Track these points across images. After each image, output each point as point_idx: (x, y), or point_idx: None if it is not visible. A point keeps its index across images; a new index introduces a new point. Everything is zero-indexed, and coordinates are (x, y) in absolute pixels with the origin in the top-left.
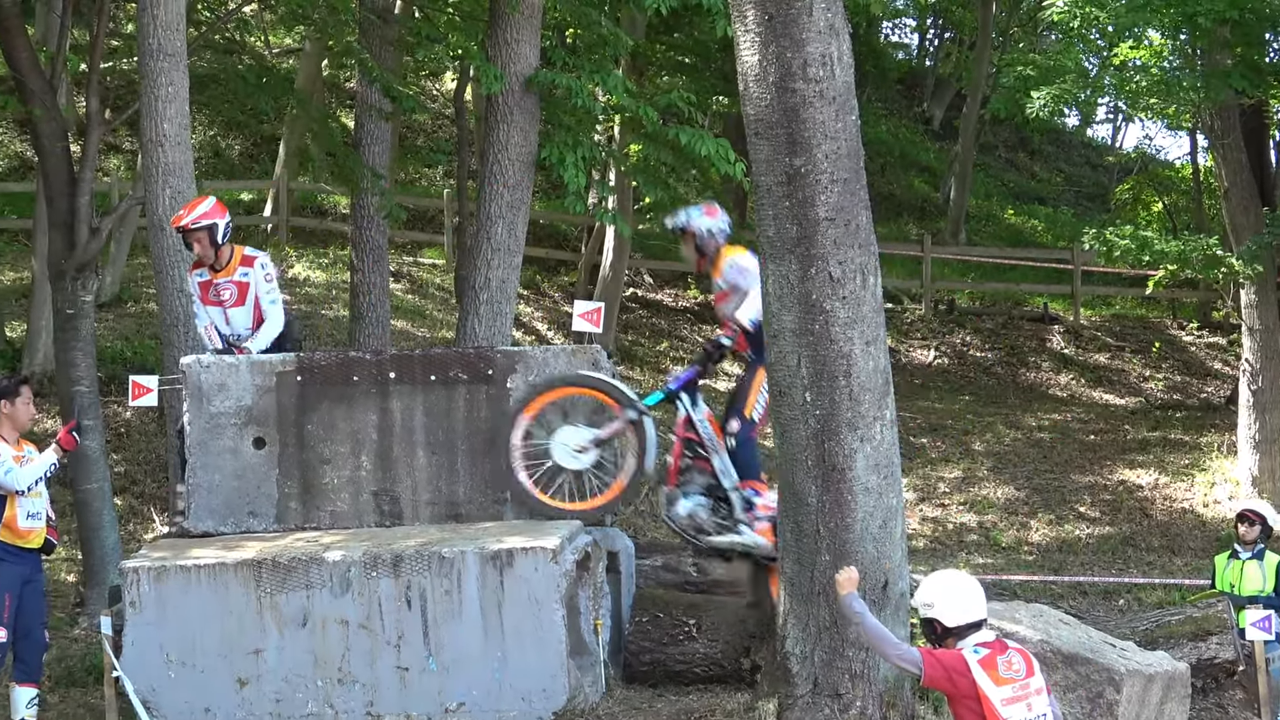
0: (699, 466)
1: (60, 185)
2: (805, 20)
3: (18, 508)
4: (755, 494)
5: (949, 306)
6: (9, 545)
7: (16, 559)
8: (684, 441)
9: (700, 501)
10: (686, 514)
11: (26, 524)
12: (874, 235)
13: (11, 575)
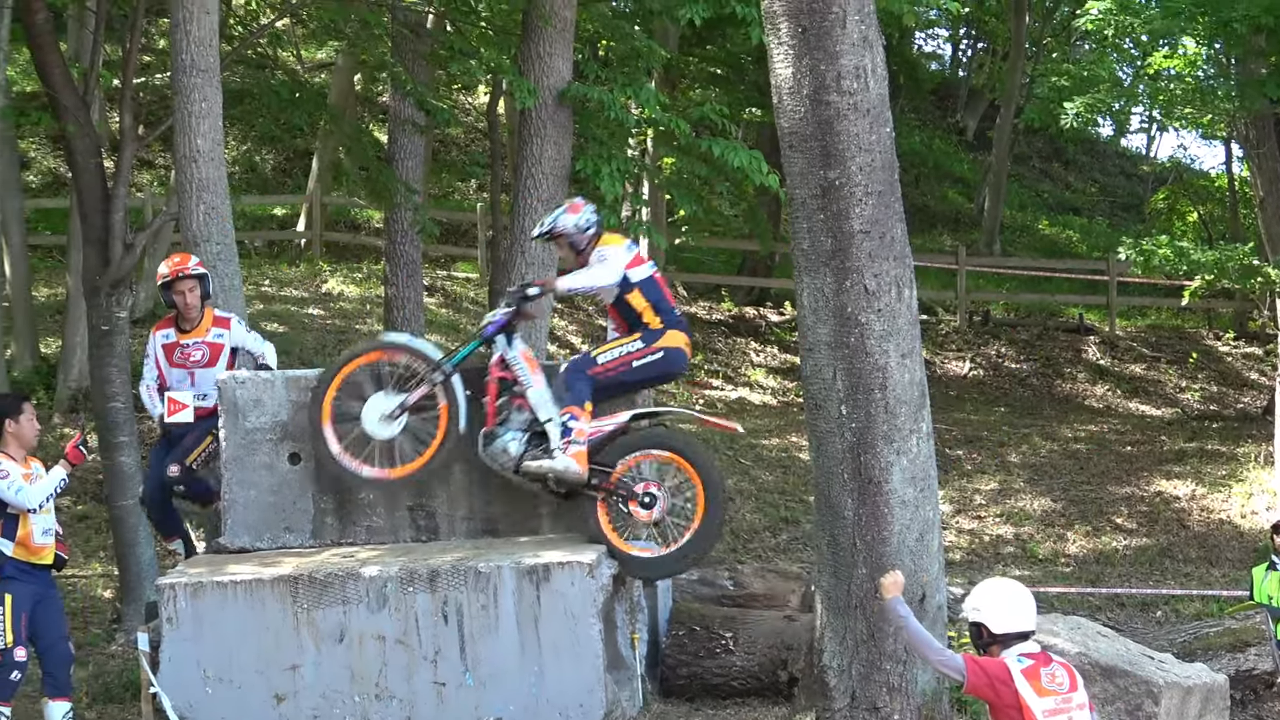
0: (516, 404)
1: (94, 201)
2: (839, 33)
3: (32, 525)
4: (573, 418)
5: (984, 318)
6: (21, 563)
7: (29, 577)
8: (498, 381)
9: (515, 436)
10: (501, 449)
11: (41, 540)
12: (909, 247)
13: (24, 593)
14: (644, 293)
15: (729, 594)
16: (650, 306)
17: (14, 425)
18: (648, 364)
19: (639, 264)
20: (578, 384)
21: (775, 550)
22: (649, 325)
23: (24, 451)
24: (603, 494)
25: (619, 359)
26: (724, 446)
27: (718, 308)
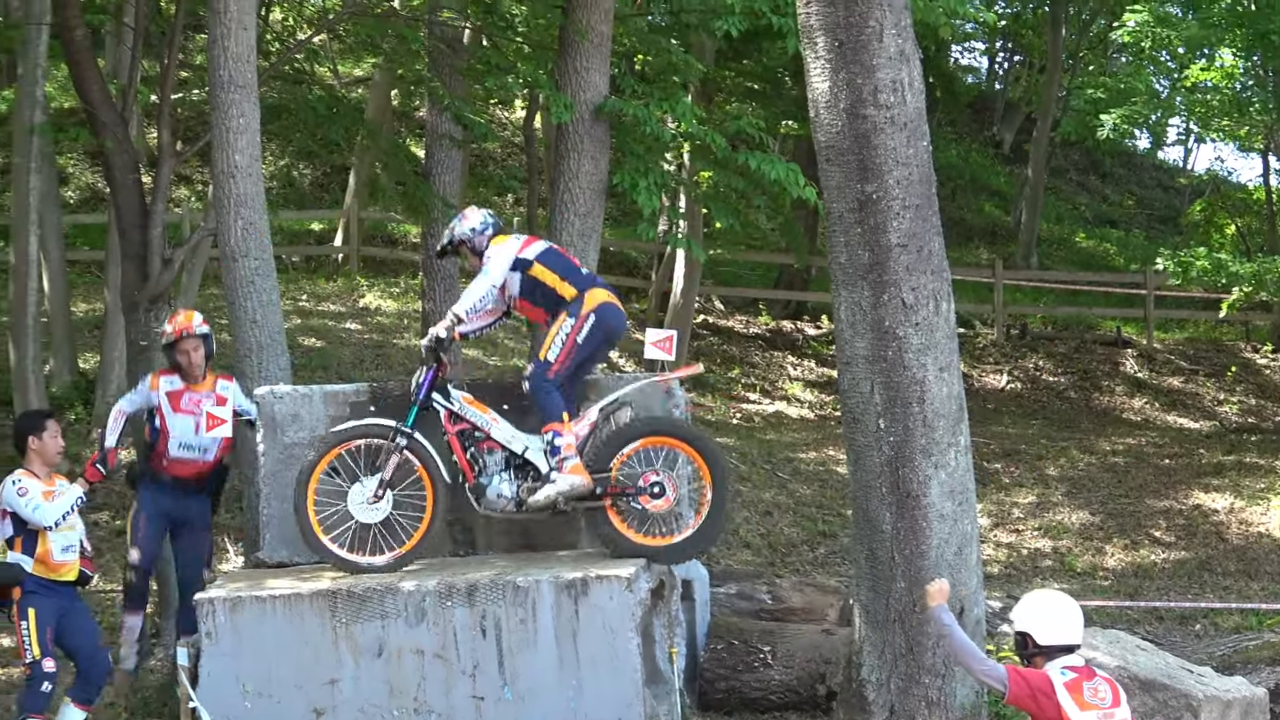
0: (485, 449)
1: (132, 217)
2: (875, 46)
3: (51, 542)
4: (556, 435)
5: (1021, 331)
6: (42, 579)
7: (50, 592)
8: (458, 435)
9: (501, 478)
10: (495, 495)
11: (61, 557)
12: (946, 261)
13: (48, 607)
14: (546, 264)
15: (767, 608)
16: (559, 277)
17: (37, 442)
18: (589, 334)
19: (532, 243)
20: (548, 398)
21: (813, 564)
22: (565, 297)
23: (48, 468)
24: (609, 498)
25: (565, 346)
26: (761, 460)
27: (755, 321)
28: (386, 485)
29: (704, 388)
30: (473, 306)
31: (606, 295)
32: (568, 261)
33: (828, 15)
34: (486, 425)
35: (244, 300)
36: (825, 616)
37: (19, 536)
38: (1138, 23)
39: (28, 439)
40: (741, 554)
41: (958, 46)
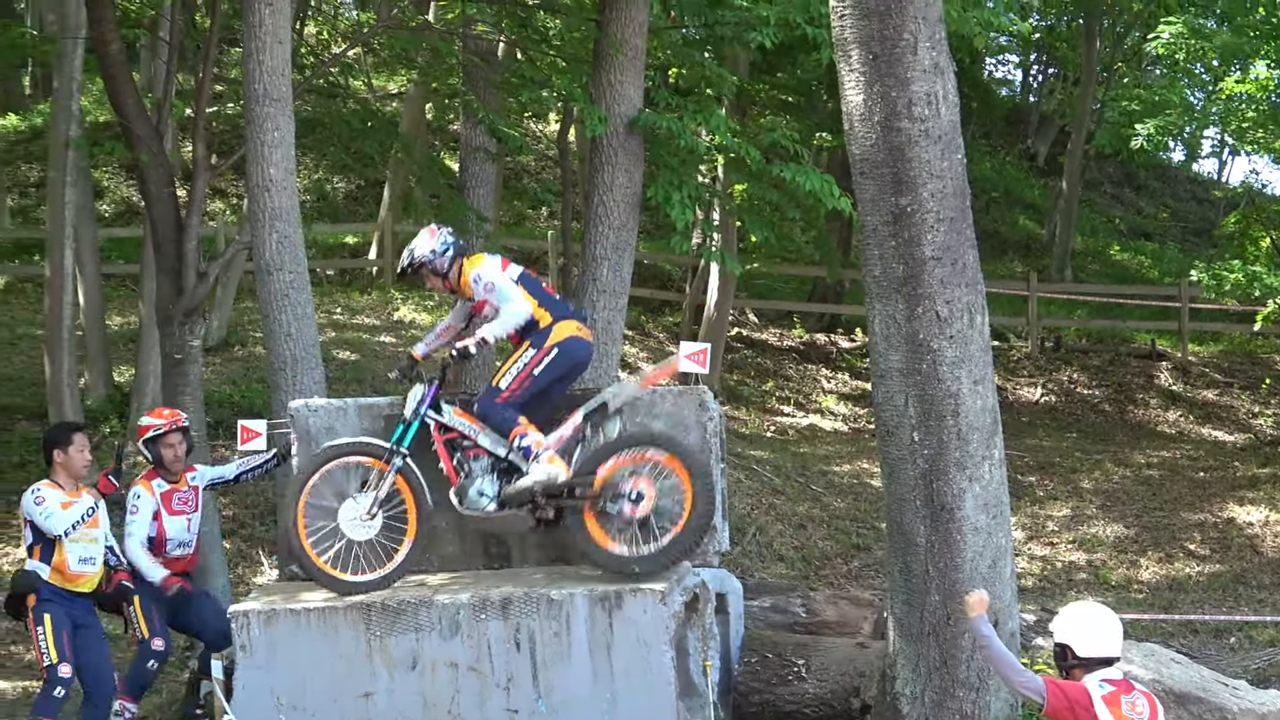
0: (472, 455)
1: (167, 230)
2: (910, 59)
3: (67, 552)
4: (522, 437)
5: (1055, 344)
6: (57, 588)
7: (66, 601)
8: (445, 443)
9: (485, 480)
10: (477, 495)
11: (78, 568)
12: (980, 273)
13: (60, 614)
14: (526, 288)
15: (801, 621)
16: (536, 303)
17: (63, 456)
18: (549, 365)
19: (509, 265)
20: (499, 416)
21: (847, 577)
22: (538, 321)
23: (74, 481)
24: (588, 502)
25: (519, 375)
26: (795, 473)
27: (789, 334)
28: (380, 504)
29: (738, 401)
30: (498, 334)
31: (576, 328)
32: (542, 288)
33: (862, 28)
34: (474, 434)
35: (279, 314)
36: (859, 630)
37: (37, 544)
38: (1172, 34)
39: (54, 452)
40: (775, 567)
41: (992, 59)
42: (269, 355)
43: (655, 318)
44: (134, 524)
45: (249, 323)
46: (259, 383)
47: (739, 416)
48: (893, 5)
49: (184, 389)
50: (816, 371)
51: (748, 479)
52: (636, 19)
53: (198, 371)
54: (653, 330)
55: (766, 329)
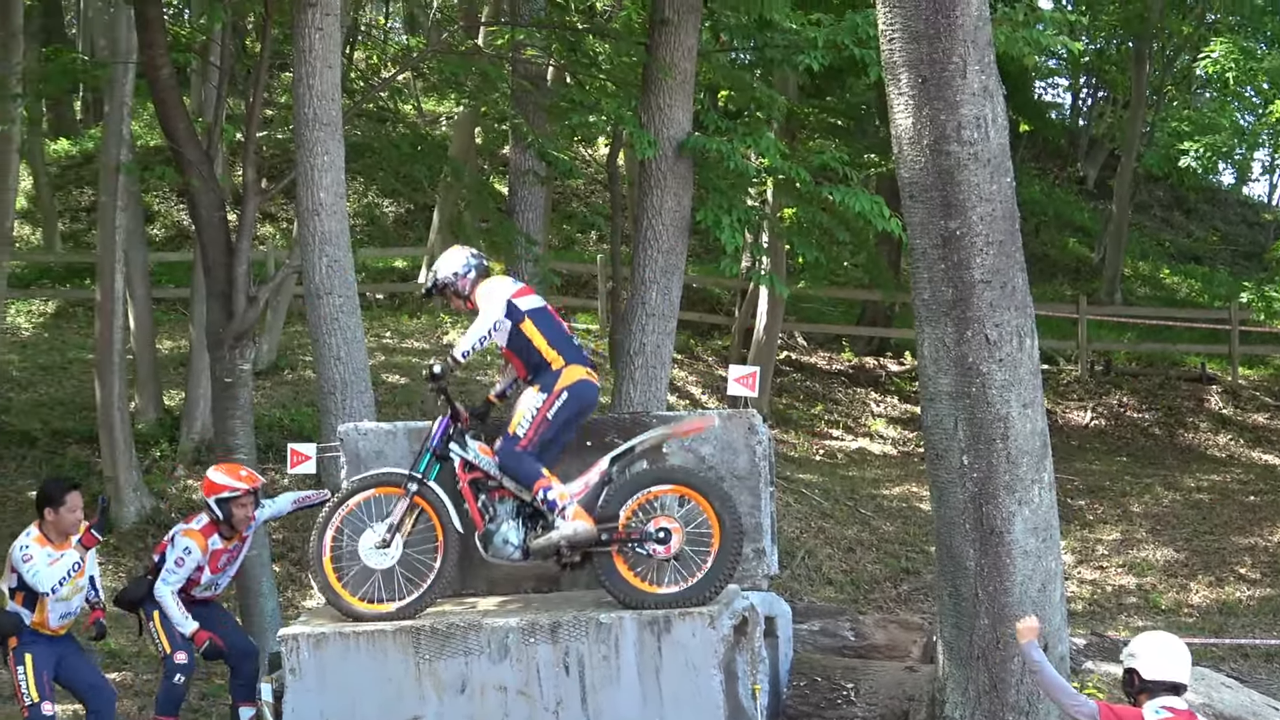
0: (497, 497)
1: (218, 254)
2: (959, 83)
3: (49, 611)
4: (546, 490)
5: (1105, 367)
6: (38, 632)
7: (47, 642)
8: (470, 484)
9: (510, 526)
10: (502, 542)
11: (57, 623)
12: (1030, 297)
13: (43, 655)
14: (537, 323)
15: (850, 644)
16: (546, 341)
17: (53, 515)
18: (560, 409)
19: (527, 295)
20: (521, 466)
21: (896, 600)
22: (549, 363)
23: (62, 536)
24: (615, 545)
25: (534, 421)
26: (844, 497)
27: (838, 358)
28: (395, 530)
29: (787, 424)
30: (472, 347)
31: (585, 372)
32: (559, 327)
33: (911, 52)
34: (499, 474)
35: (328, 337)
36: (908, 653)
37: (20, 591)
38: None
39: (44, 509)
40: (824, 590)
41: (1042, 82)
42: (319, 379)
43: (704, 341)
44: (174, 575)
45: (299, 346)
46: (309, 406)
47: (788, 440)
48: (942, 29)
49: (234, 412)
50: (865, 395)
51: (797, 503)
52: (685, 43)
53: (248, 395)
54: (701, 354)
55: (815, 352)
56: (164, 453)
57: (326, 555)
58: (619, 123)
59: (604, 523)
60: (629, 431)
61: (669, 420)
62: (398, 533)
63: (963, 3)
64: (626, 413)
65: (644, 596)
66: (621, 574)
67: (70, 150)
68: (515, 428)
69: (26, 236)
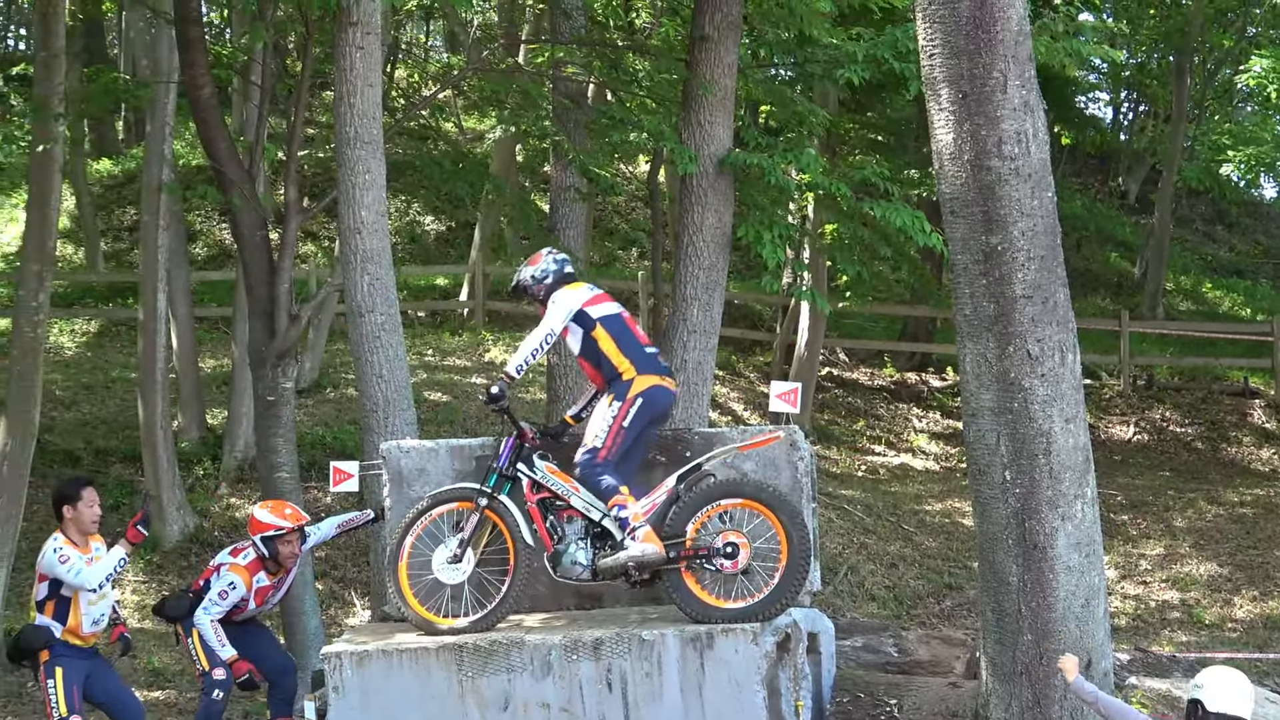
0: (565, 517)
1: (260, 273)
2: (999, 98)
3: (82, 615)
4: (620, 509)
5: (1147, 382)
6: (70, 644)
7: (78, 654)
8: (538, 504)
9: (579, 546)
10: (570, 563)
11: (90, 629)
12: (1072, 312)
13: (75, 669)
14: (608, 329)
15: (893, 660)
16: (619, 350)
17: (72, 511)
18: (635, 416)
19: (601, 302)
20: (601, 477)
21: (939, 616)
22: (620, 372)
23: (84, 535)
24: (683, 562)
25: (611, 430)
26: (886, 513)
27: (879, 373)
28: (466, 545)
29: (829, 440)
30: (524, 361)
31: (658, 379)
32: (632, 335)
33: (951, 67)
34: (567, 494)
35: (370, 355)
36: (951, 669)
37: (51, 600)
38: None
39: (63, 507)
40: (867, 606)
41: (1082, 96)
42: (361, 397)
43: (746, 357)
44: (216, 607)
45: (341, 365)
46: (351, 424)
47: (830, 456)
48: (982, 44)
49: (276, 431)
50: (907, 410)
51: (839, 518)
52: (725, 60)
53: (290, 413)
54: (743, 370)
55: (857, 368)
56: (207, 471)
57: (403, 565)
58: (659, 139)
59: (671, 539)
60: (670, 448)
61: (725, 437)
62: (469, 547)
63: (1003, 18)
64: (668, 429)
65: (712, 611)
66: (690, 589)
67: (113, 170)
68: (593, 440)
69: (69, 256)
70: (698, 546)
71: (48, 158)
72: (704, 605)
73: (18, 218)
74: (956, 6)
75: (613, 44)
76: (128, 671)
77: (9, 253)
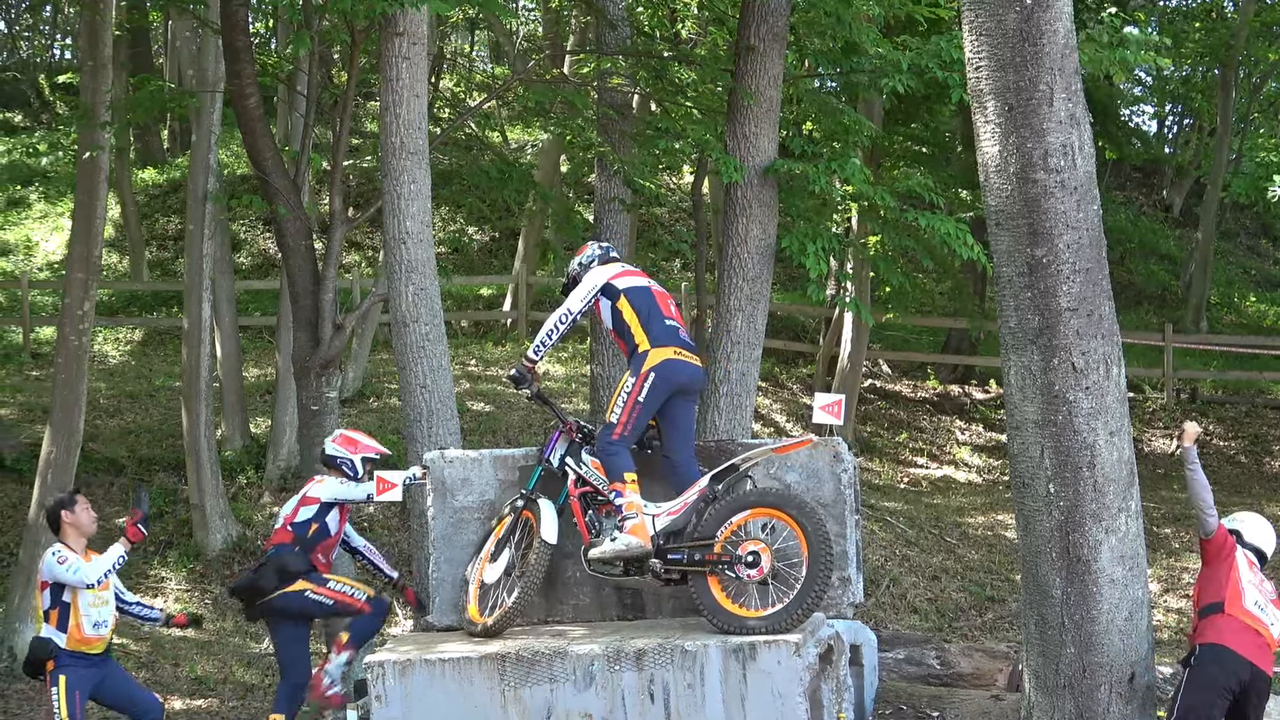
0: (604, 513)
1: (305, 283)
2: (1046, 110)
3: (82, 617)
4: (618, 495)
5: (1191, 395)
6: (74, 652)
7: (84, 663)
8: (580, 499)
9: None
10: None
11: (91, 632)
12: (1117, 325)
13: (79, 677)
14: (632, 300)
15: (935, 673)
16: (639, 322)
17: (70, 516)
18: (650, 390)
19: (631, 275)
20: (611, 458)
21: (982, 629)
22: (637, 345)
23: (83, 542)
24: (708, 566)
25: (626, 406)
26: (929, 525)
27: (923, 385)
28: (501, 544)
29: (872, 452)
30: (541, 342)
31: (672, 352)
32: (655, 306)
33: (998, 80)
34: (605, 488)
35: (414, 365)
36: (994, 682)
37: (54, 609)
38: None
39: (60, 514)
40: (909, 619)
41: (1127, 109)
42: (404, 407)
43: (789, 369)
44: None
45: (385, 374)
46: (394, 434)
47: (873, 468)
48: (1029, 57)
49: (320, 440)
50: (950, 423)
51: (881, 531)
52: (771, 71)
53: (334, 423)
54: (786, 381)
55: (900, 380)
56: (250, 480)
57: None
58: (704, 149)
59: (700, 541)
60: (714, 460)
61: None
62: (506, 547)
63: (1050, 31)
64: (712, 440)
65: (733, 619)
66: (715, 597)
67: (157, 179)
68: (610, 415)
69: (114, 265)
70: (724, 552)
71: (93, 166)
72: (725, 612)
73: (63, 226)
74: (1003, 20)
75: (658, 55)
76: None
77: (54, 261)
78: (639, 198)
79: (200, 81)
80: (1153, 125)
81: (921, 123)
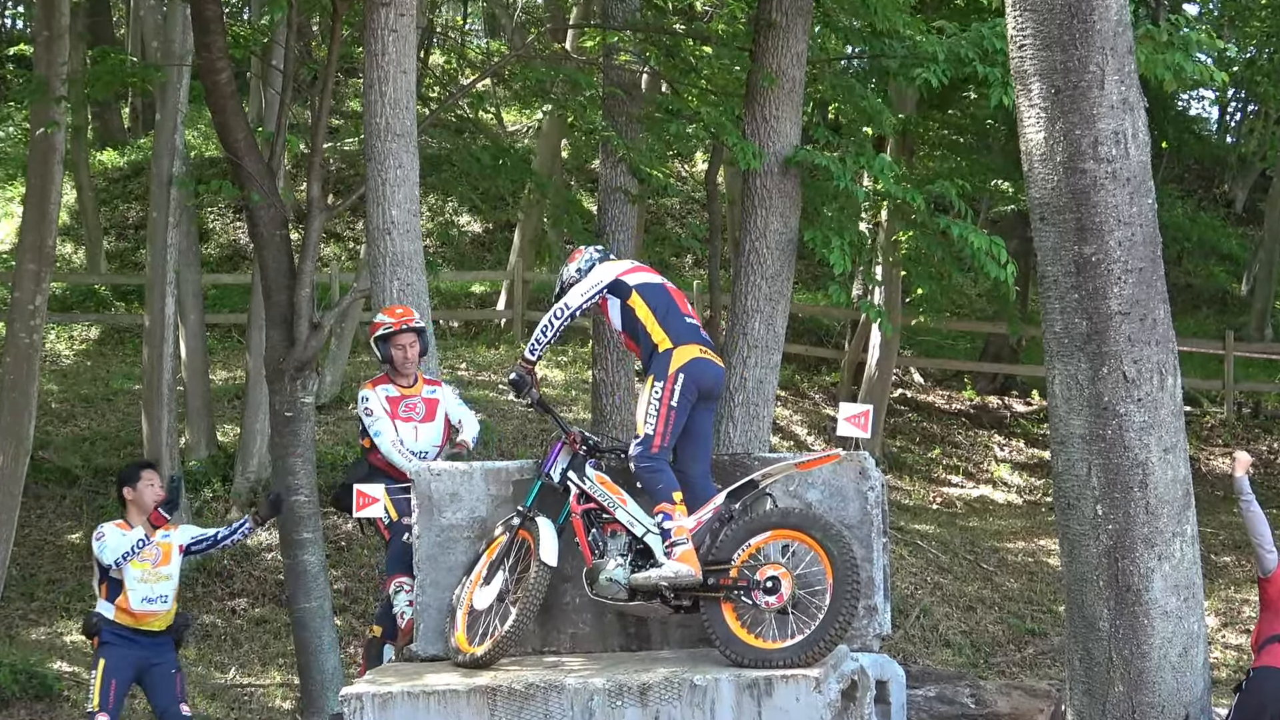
0: (609, 531)
1: (279, 277)
2: (1096, 94)
3: (129, 591)
4: (666, 518)
5: (1254, 410)
6: (122, 627)
7: (130, 643)
8: (583, 516)
9: (618, 564)
10: (607, 581)
11: (141, 607)
12: (1172, 330)
13: (120, 659)
14: (646, 297)
15: (970, 712)
16: (656, 319)
17: (132, 492)
18: (681, 394)
19: (641, 271)
20: (654, 477)
21: (1021, 665)
22: (657, 345)
23: (144, 517)
24: (723, 592)
25: (660, 413)
26: (963, 550)
27: (958, 396)
28: (494, 567)
29: (901, 469)
30: (536, 340)
31: (698, 350)
32: (673, 303)
33: (1044, 59)
34: (613, 506)
35: None
36: None
37: (104, 583)
38: None
39: (124, 489)
40: (941, 653)
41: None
42: None
43: (811, 376)
44: (375, 424)
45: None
46: None
47: (902, 486)
48: (1078, 35)
49: (294, 449)
50: (988, 438)
51: (911, 555)
52: (794, 49)
53: (309, 431)
54: (808, 390)
55: (933, 390)
56: (216, 493)
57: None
58: (719, 134)
59: (714, 565)
60: (728, 475)
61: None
62: (500, 568)
63: (1101, 6)
64: (726, 454)
65: (749, 650)
66: (728, 624)
67: (118, 161)
68: (643, 428)
69: (69, 255)
70: (741, 576)
71: (48, 146)
72: (739, 643)
73: (14, 213)
74: None
75: (670, 30)
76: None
77: (3, 251)
78: (646, 187)
79: (166, 54)
80: (1214, 112)
81: (959, 108)
